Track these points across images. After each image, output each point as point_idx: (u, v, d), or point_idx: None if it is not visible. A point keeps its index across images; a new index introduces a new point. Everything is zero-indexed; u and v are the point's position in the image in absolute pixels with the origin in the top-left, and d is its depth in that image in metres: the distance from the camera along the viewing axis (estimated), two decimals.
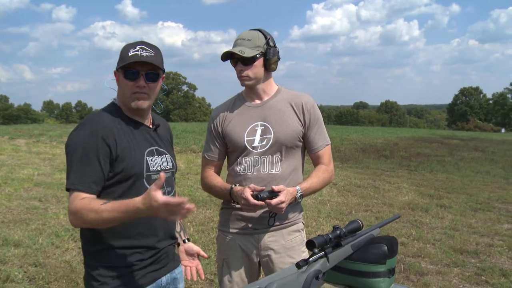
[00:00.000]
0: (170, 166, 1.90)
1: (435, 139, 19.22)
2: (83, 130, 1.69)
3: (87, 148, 1.64)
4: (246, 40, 2.06)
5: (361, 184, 9.18)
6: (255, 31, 2.10)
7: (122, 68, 1.72)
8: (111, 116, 1.75)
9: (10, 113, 65.45)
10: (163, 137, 1.94)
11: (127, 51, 1.72)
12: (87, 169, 1.63)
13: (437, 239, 5.43)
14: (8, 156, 12.59)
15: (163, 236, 1.84)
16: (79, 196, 1.61)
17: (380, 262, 1.58)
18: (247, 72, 2.08)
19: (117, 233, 1.71)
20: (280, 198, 1.94)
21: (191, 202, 1.39)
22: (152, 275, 1.80)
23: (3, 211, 6.55)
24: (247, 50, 2.03)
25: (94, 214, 1.54)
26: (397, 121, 77.58)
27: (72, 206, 1.60)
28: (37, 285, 3.98)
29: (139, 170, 1.73)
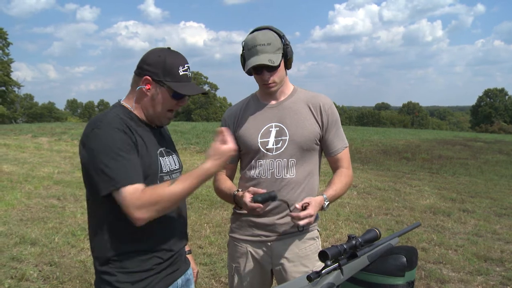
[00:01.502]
0: (178, 167, 1.86)
1: (458, 142, 18.82)
2: (102, 131, 1.58)
3: (116, 144, 1.56)
4: (266, 45, 1.94)
5: (381, 187, 9.00)
6: (269, 32, 1.98)
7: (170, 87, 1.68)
8: (122, 117, 1.68)
9: (34, 112, 66.76)
10: (167, 137, 1.90)
11: (176, 68, 1.68)
12: (126, 164, 1.55)
13: (460, 245, 5.26)
14: (30, 154, 12.81)
15: (179, 237, 1.81)
16: (128, 191, 1.51)
17: (398, 275, 1.48)
18: (274, 78, 1.99)
19: (136, 238, 1.67)
20: (309, 211, 1.84)
21: (208, 203, 1.35)
22: (170, 278, 1.78)
23: (22, 209, 6.62)
24: (274, 57, 1.94)
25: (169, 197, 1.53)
26: (419, 122, 76.59)
27: (134, 200, 1.51)
28: (51, 284, 3.98)
29: (155, 170, 1.69)
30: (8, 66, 46.79)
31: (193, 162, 11.75)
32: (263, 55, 1.92)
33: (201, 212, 6.64)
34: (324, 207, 1.97)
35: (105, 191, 1.54)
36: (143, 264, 1.69)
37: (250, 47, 1.96)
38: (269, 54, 1.93)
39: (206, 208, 6.88)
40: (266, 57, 1.92)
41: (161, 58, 1.68)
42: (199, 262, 4.57)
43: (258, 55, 1.93)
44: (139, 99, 1.73)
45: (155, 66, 1.68)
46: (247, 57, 1.98)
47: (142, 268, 1.68)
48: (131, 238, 1.66)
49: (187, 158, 12.45)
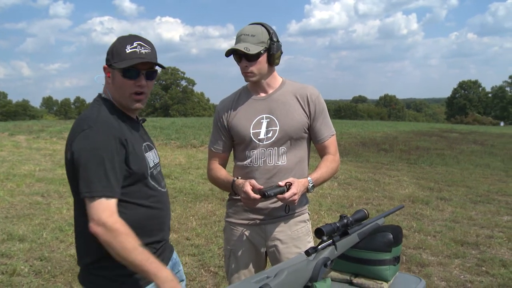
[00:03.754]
0: (158, 160, 1.89)
1: (434, 133, 19.26)
2: (96, 133, 1.58)
3: (106, 152, 1.56)
4: (250, 36, 2.06)
5: (361, 178, 9.22)
6: (258, 26, 2.10)
7: (118, 67, 1.65)
8: (112, 114, 1.67)
9: (8, 110, 65.26)
10: (145, 131, 1.93)
11: (123, 47, 1.66)
12: (109, 174, 1.55)
13: (438, 231, 5.49)
14: (8, 153, 12.61)
15: (167, 229, 1.88)
16: (103, 205, 1.52)
17: (385, 250, 1.63)
18: (252, 68, 2.09)
19: (137, 232, 1.65)
20: (292, 190, 1.96)
21: (192, 197, 1.42)
22: None
23: (6, 207, 6.59)
24: (252, 47, 2.04)
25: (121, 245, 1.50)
26: (396, 115, 77.54)
27: (99, 217, 1.50)
28: (43, 278, 4.03)
29: (145, 168, 1.72)
30: None
31: (174, 157, 11.79)
32: (243, 43, 2.04)
33: (186, 206, 6.73)
34: (309, 189, 2.10)
35: (82, 195, 1.54)
36: None
37: (237, 36, 2.10)
38: (248, 43, 2.04)
39: (190, 201, 6.97)
40: (244, 45, 2.04)
41: (113, 44, 1.70)
42: (187, 253, 4.68)
43: (240, 42, 2.06)
44: (108, 89, 1.74)
45: (108, 53, 1.69)
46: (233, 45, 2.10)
47: None
48: None
49: (168, 153, 12.47)
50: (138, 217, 1.69)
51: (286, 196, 1.95)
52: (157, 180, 1.80)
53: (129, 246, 1.50)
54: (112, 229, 1.50)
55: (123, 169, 1.62)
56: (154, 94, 66.72)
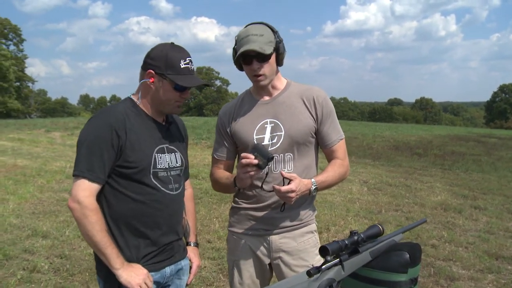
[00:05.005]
0: (179, 164, 1.92)
1: (471, 138, 18.59)
2: (96, 121, 1.76)
3: (99, 138, 1.71)
4: (259, 35, 1.93)
5: (392, 183, 8.94)
6: (262, 25, 1.98)
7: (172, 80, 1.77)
8: (126, 110, 1.80)
9: (47, 107, 67.30)
10: (175, 134, 1.96)
11: (178, 61, 1.78)
12: (97, 159, 1.70)
13: (471, 243, 5.21)
14: (43, 149, 12.95)
15: (167, 231, 1.87)
16: (84, 184, 1.69)
17: (401, 271, 1.47)
18: (264, 70, 1.97)
19: (126, 224, 1.80)
20: (290, 186, 1.83)
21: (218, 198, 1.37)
22: (156, 265, 1.85)
23: (35, 202, 6.71)
24: (265, 47, 1.92)
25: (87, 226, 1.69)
26: (432, 118, 75.80)
27: (77, 194, 1.68)
28: (61, 276, 4.04)
29: (146, 165, 1.78)
30: (23, 62, 47.33)
31: (203, 157, 11.78)
32: (255, 43, 1.92)
33: (210, 207, 6.66)
34: (312, 191, 1.96)
35: (74, 173, 1.72)
36: (129, 246, 1.81)
37: (242, 37, 1.95)
38: (260, 43, 1.92)
39: (215, 202, 6.90)
40: (258, 45, 1.91)
41: (163, 53, 1.79)
42: (207, 256, 4.59)
43: (249, 43, 1.92)
44: (144, 92, 1.84)
45: (158, 60, 1.78)
46: (239, 47, 1.95)
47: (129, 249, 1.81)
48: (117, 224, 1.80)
49: (197, 153, 12.50)
50: (125, 209, 1.78)
51: (282, 189, 1.82)
52: (163, 181, 1.84)
53: (96, 227, 1.68)
54: (86, 208, 1.66)
55: (116, 159, 1.74)
56: None
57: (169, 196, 1.85)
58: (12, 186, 7.80)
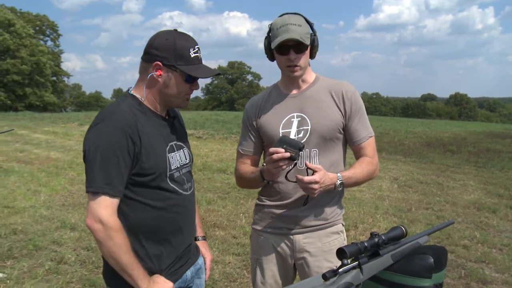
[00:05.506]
0: (188, 160, 1.81)
1: (508, 134, 17.94)
2: (105, 126, 1.54)
3: (113, 146, 1.52)
4: (297, 25, 1.86)
5: (423, 180, 8.70)
6: (299, 16, 1.92)
7: (183, 71, 1.62)
8: (132, 110, 1.61)
9: (82, 101, 68.95)
10: (179, 128, 1.85)
11: (187, 50, 1.62)
12: (114, 170, 1.52)
13: (505, 244, 4.99)
14: (76, 142, 13.22)
15: (187, 233, 1.79)
16: (105, 202, 1.51)
17: (425, 276, 1.39)
18: (300, 61, 1.91)
19: (147, 233, 1.66)
20: (314, 177, 1.75)
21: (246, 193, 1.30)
22: (178, 272, 1.76)
23: (65, 195, 6.85)
24: (305, 37, 1.86)
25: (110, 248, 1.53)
26: (467, 114, 73.77)
27: (99, 213, 1.50)
28: (87, 268, 4.09)
29: (163, 169, 1.64)
30: (59, 57, 48.60)
31: (232, 152, 11.77)
32: (295, 32, 1.85)
33: (238, 202, 6.64)
34: (337, 185, 1.88)
35: (86, 189, 1.53)
36: (152, 259, 1.68)
37: (280, 26, 1.88)
38: (300, 33, 1.86)
39: (243, 198, 6.87)
40: (299, 34, 1.85)
41: (169, 41, 1.61)
42: (232, 252, 4.57)
43: (289, 32, 1.85)
44: (150, 86, 1.66)
45: (165, 50, 1.60)
46: (276, 36, 1.88)
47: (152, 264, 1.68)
48: (140, 234, 1.65)
49: (227, 147, 12.53)
50: (145, 219, 1.64)
51: (305, 179, 1.75)
52: (179, 182, 1.72)
53: (123, 248, 1.53)
54: (111, 229, 1.51)
55: (132, 167, 1.57)
56: (220, 88, 67.99)
57: (185, 197, 1.75)
58: (45, 178, 8.00)
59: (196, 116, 21.48)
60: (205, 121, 19.10)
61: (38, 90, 41.95)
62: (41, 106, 41.59)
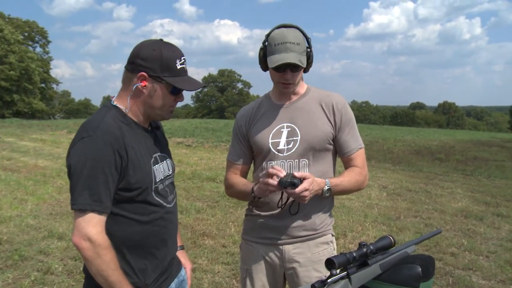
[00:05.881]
0: (171, 171, 1.79)
1: (495, 143, 18.18)
2: (92, 142, 1.48)
3: (101, 161, 1.46)
4: (295, 44, 1.87)
5: (412, 188, 8.76)
6: (297, 31, 1.92)
7: (169, 83, 1.59)
8: (117, 123, 1.56)
9: (71, 108, 68.42)
10: (161, 139, 1.82)
11: (173, 62, 1.58)
12: (102, 186, 1.47)
13: (492, 251, 5.04)
14: (64, 149, 12.90)
15: (171, 246, 1.77)
16: (94, 219, 1.46)
17: (412, 285, 1.40)
18: (294, 79, 1.94)
19: (131, 248, 1.62)
20: (303, 185, 1.76)
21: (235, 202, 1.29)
22: (163, 285, 1.75)
23: (53, 204, 6.78)
24: (302, 58, 1.88)
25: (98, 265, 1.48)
26: (455, 123, 74.62)
27: (87, 231, 1.44)
28: (74, 279, 4.03)
29: (149, 183, 1.61)
30: (48, 64, 48.17)
31: (222, 160, 11.75)
32: (293, 54, 1.86)
33: (227, 211, 6.62)
34: (324, 192, 1.89)
35: (72, 206, 1.47)
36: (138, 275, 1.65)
37: (278, 42, 1.87)
38: (298, 54, 1.87)
39: (232, 206, 6.85)
40: (297, 57, 1.86)
41: (156, 52, 1.56)
42: (221, 261, 4.55)
43: (287, 52, 1.86)
44: (135, 97, 1.61)
45: (151, 61, 1.56)
46: (274, 52, 1.88)
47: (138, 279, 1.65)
48: (126, 249, 1.61)
49: (216, 156, 12.49)
50: (129, 233, 1.60)
51: (296, 191, 1.75)
52: (163, 195, 1.69)
53: (112, 265, 1.49)
54: (100, 246, 1.46)
55: (119, 182, 1.53)
56: (210, 96, 67.97)
57: (169, 210, 1.72)
58: (32, 187, 7.90)
59: (185, 124, 21.44)
60: (195, 129, 19.07)
61: (26, 97, 41.57)
62: (29, 113, 41.22)
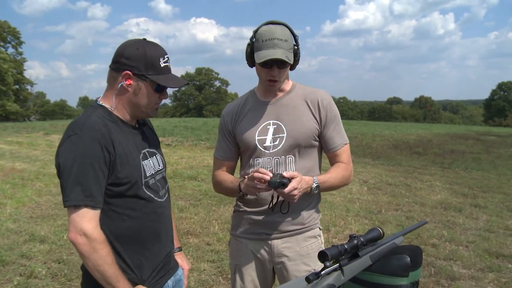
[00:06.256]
0: (161, 167, 1.81)
1: (470, 136, 18.59)
2: (79, 139, 1.51)
3: (90, 158, 1.50)
4: (283, 41, 1.88)
5: (392, 182, 8.91)
6: (285, 28, 1.92)
7: (153, 80, 1.62)
8: (103, 121, 1.59)
9: (46, 109, 67.06)
10: (150, 135, 1.84)
11: (157, 60, 1.62)
12: (93, 182, 1.50)
13: (471, 241, 5.18)
14: (42, 152, 12.89)
15: (165, 241, 1.79)
16: (88, 214, 1.49)
17: (402, 275, 1.44)
18: (281, 76, 1.95)
19: (125, 244, 1.64)
20: (292, 184, 1.78)
21: (217, 200, 1.31)
22: (160, 282, 1.76)
23: (32, 206, 6.66)
24: (289, 54, 1.89)
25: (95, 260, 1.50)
26: (431, 116, 75.87)
27: (82, 226, 1.47)
28: (59, 282, 3.98)
29: (138, 177, 1.63)
30: (21, 65, 47.09)
31: (203, 158, 11.75)
32: (280, 50, 1.87)
33: (210, 209, 6.62)
34: (313, 188, 1.91)
35: (65, 203, 1.50)
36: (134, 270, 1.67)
37: (266, 38, 1.88)
38: (285, 50, 1.88)
39: (215, 204, 6.86)
40: (284, 53, 1.87)
41: (140, 51, 1.61)
42: (206, 259, 4.56)
43: (275, 48, 1.87)
44: (120, 95, 1.65)
45: (136, 60, 1.60)
46: (262, 48, 1.88)
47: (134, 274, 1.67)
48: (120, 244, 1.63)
49: (197, 154, 12.46)
50: (122, 229, 1.62)
51: (285, 191, 1.78)
52: (154, 189, 1.71)
53: (108, 260, 1.51)
54: (96, 241, 1.49)
55: (109, 177, 1.56)
56: (188, 95, 67.58)
57: (161, 204, 1.74)
58: (10, 190, 7.74)
59: (164, 123, 21.28)
60: (174, 128, 18.96)
61: (0, 99, 40.67)
62: (3, 116, 40.34)
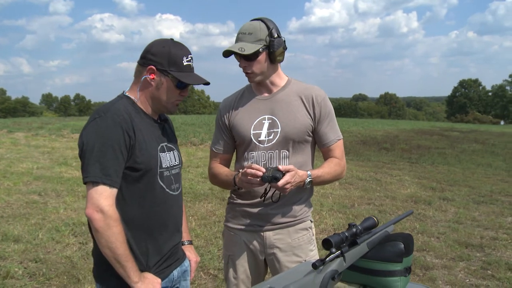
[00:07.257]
0: (178, 162, 1.89)
1: (435, 132, 19.16)
2: (103, 121, 1.62)
3: (111, 140, 1.60)
4: (247, 34, 1.95)
5: (363, 177, 9.12)
6: (257, 22, 1.99)
7: (175, 77, 1.72)
8: (127, 109, 1.70)
9: (7, 106, 65.06)
10: (169, 132, 1.93)
11: (180, 58, 1.73)
12: (112, 162, 1.59)
13: (441, 233, 5.39)
14: (6, 150, 12.52)
15: (173, 232, 1.84)
16: (106, 192, 1.57)
17: (396, 261, 1.52)
18: (252, 68, 1.99)
19: (133, 230, 1.70)
20: (285, 178, 1.84)
21: (192, 196, 1.35)
22: (165, 271, 1.81)
23: (2, 206, 6.49)
24: (248, 46, 1.94)
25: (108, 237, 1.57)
26: (396, 113, 77.55)
27: (99, 202, 1.55)
28: (37, 281, 3.92)
29: (154, 166, 1.72)
30: None
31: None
32: (240, 43, 1.95)
33: (185, 205, 6.58)
34: (306, 183, 1.98)
35: (84, 179, 1.59)
36: (141, 259, 1.73)
37: (237, 33, 2.00)
38: (244, 43, 1.95)
39: (190, 201, 6.86)
40: (239, 45, 1.94)
41: (165, 49, 1.72)
42: None
43: (237, 42, 1.96)
44: (143, 89, 1.76)
45: (160, 56, 1.72)
46: None
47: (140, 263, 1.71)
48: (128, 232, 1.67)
49: None
50: (131, 215, 1.69)
51: (279, 184, 1.83)
52: (167, 182, 1.79)
53: (120, 238, 1.58)
54: (110, 218, 1.56)
55: (127, 161, 1.64)
56: None
57: (172, 197, 1.81)
58: None
59: None
60: None
61: None
62: None
